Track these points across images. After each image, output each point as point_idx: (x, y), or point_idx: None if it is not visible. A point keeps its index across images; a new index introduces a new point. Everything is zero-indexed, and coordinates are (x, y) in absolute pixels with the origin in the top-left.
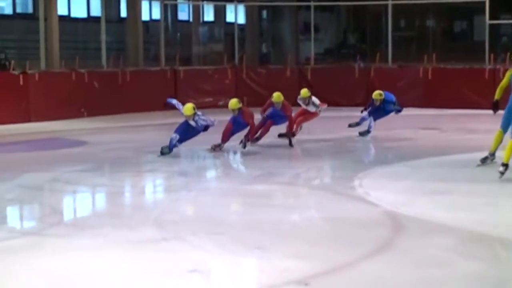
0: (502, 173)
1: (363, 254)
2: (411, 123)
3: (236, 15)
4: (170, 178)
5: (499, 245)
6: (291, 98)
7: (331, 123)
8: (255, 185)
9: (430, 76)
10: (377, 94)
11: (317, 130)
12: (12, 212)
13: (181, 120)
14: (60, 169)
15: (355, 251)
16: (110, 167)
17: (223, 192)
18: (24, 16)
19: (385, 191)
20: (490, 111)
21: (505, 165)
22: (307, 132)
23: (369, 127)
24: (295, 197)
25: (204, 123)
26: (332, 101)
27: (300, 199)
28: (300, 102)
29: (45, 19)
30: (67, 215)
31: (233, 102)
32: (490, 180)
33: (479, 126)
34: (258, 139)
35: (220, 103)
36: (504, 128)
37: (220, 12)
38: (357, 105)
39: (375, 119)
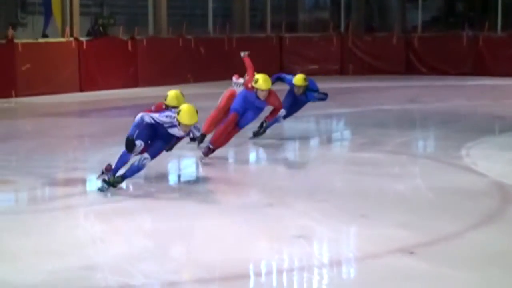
0: None
1: (470, 224)
2: None
3: None
4: (275, 146)
5: None
6: (400, 67)
7: (439, 92)
8: (360, 153)
9: None
10: (301, 79)
11: (424, 99)
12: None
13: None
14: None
15: (461, 221)
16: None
17: (328, 159)
18: None
19: (493, 161)
20: None
21: None
22: (412, 100)
23: (267, 126)
24: (400, 166)
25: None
26: (440, 70)
27: (405, 168)
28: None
29: None
30: (173, 180)
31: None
32: None
33: None
34: (213, 150)
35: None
36: None
37: None
38: (464, 74)
39: (290, 114)
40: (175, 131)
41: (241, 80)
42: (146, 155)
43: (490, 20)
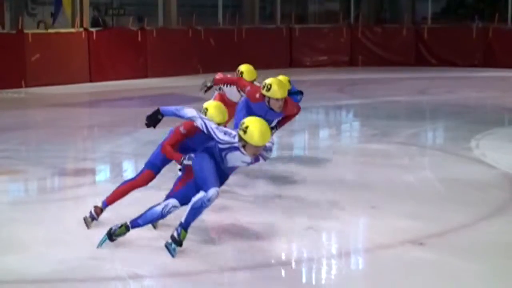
0: None
1: (480, 216)
2: None
3: None
4: (284, 137)
5: None
6: (409, 58)
7: (448, 83)
8: (369, 144)
9: None
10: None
11: (434, 90)
12: (128, 166)
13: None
14: (176, 125)
15: (471, 212)
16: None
17: (338, 150)
18: None
19: (502, 153)
20: None
21: None
22: (422, 92)
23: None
24: (410, 157)
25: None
26: (449, 61)
27: (415, 159)
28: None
29: None
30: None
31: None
32: None
33: None
34: None
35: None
36: None
37: None
38: (474, 65)
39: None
40: (236, 158)
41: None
42: (174, 202)
43: (500, 12)
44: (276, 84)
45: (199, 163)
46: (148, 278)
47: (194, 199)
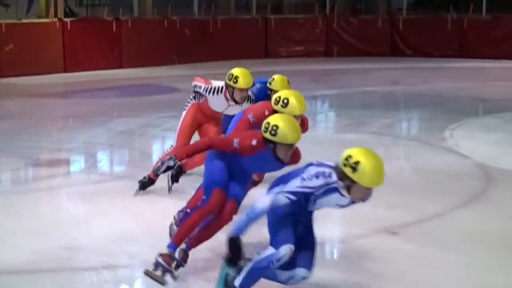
0: None
1: (453, 205)
2: (506, 75)
3: None
4: None
5: None
6: (385, 49)
7: (423, 74)
8: (345, 134)
9: None
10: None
11: (409, 81)
12: (104, 156)
13: None
14: (150, 115)
15: (444, 202)
16: None
17: (313, 141)
18: None
19: (476, 143)
20: None
21: None
22: (397, 82)
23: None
24: (385, 147)
25: None
26: (424, 52)
27: (389, 149)
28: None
29: None
30: (157, 160)
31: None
32: None
33: None
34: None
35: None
36: None
37: None
38: (449, 56)
39: None
40: (329, 201)
41: (213, 84)
42: (284, 251)
43: (475, 3)
44: (293, 97)
45: (274, 212)
46: (122, 268)
47: (259, 257)
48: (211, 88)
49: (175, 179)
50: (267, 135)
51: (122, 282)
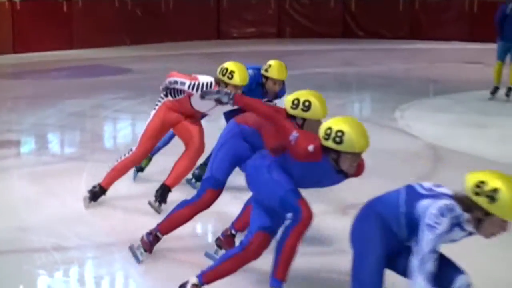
0: None
1: (404, 185)
2: (454, 57)
3: None
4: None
5: None
6: (337, 30)
7: (375, 55)
8: None
9: (475, 9)
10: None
11: (361, 62)
12: (54, 137)
13: None
14: (102, 96)
15: (395, 183)
16: (151, 95)
17: None
18: None
19: (426, 123)
20: None
21: None
22: (349, 63)
23: None
24: None
25: None
26: (376, 33)
27: None
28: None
29: None
30: (108, 142)
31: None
32: None
33: None
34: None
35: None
36: None
37: None
38: (400, 37)
39: None
40: (449, 237)
41: (193, 82)
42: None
43: None
44: (318, 101)
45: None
46: (73, 249)
47: None
48: (198, 85)
49: (163, 199)
50: (330, 143)
51: (72, 263)
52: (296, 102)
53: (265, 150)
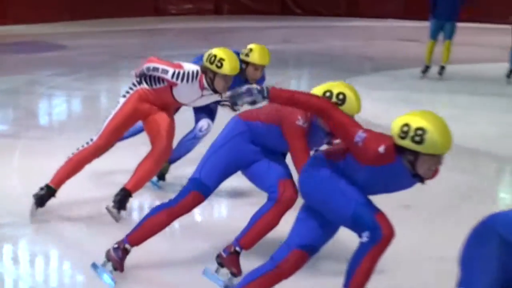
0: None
1: None
2: (391, 35)
3: None
4: None
5: (477, 156)
6: (275, 7)
7: (312, 32)
8: None
9: None
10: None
11: (299, 39)
12: None
13: None
14: (37, 73)
15: None
16: (87, 71)
17: None
18: None
19: (363, 100)
20: (473, 23)
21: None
22: (286, 41)
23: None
24: None
25: None
26: (314, 11)
27: None
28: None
29: None
30: (43, 119)
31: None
32: (468, 92)
33: (459, 38)
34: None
35: None
36: None
37: None
38: (337, 15)
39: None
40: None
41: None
42: None
43: None
44: (354, 97)
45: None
46: (6, 226)
47: None
48: (184, 74)
49: (122, 205)
50: (407, 143)
51: (5, 241)
52: (329, 94)
53: (319, 153)
